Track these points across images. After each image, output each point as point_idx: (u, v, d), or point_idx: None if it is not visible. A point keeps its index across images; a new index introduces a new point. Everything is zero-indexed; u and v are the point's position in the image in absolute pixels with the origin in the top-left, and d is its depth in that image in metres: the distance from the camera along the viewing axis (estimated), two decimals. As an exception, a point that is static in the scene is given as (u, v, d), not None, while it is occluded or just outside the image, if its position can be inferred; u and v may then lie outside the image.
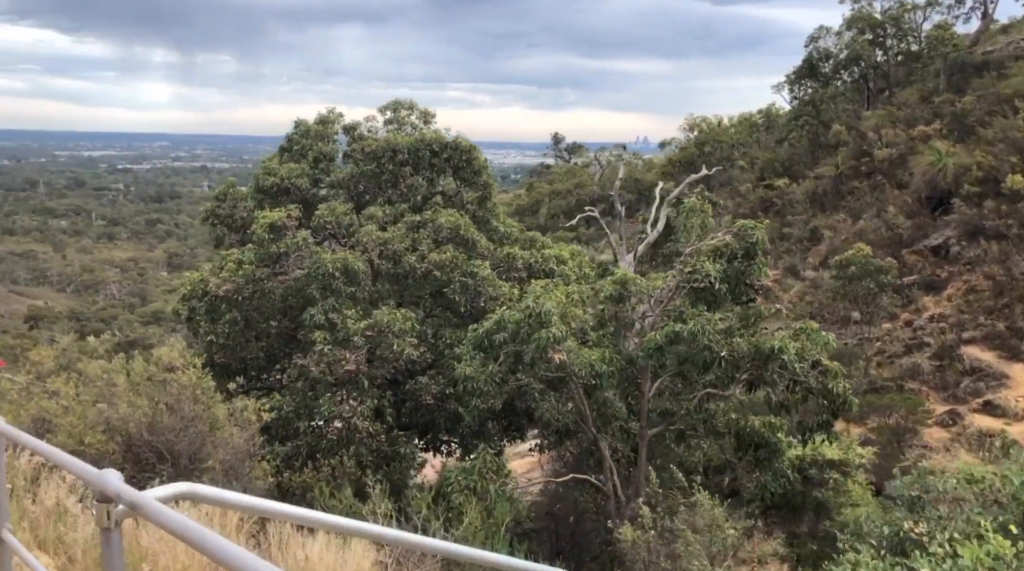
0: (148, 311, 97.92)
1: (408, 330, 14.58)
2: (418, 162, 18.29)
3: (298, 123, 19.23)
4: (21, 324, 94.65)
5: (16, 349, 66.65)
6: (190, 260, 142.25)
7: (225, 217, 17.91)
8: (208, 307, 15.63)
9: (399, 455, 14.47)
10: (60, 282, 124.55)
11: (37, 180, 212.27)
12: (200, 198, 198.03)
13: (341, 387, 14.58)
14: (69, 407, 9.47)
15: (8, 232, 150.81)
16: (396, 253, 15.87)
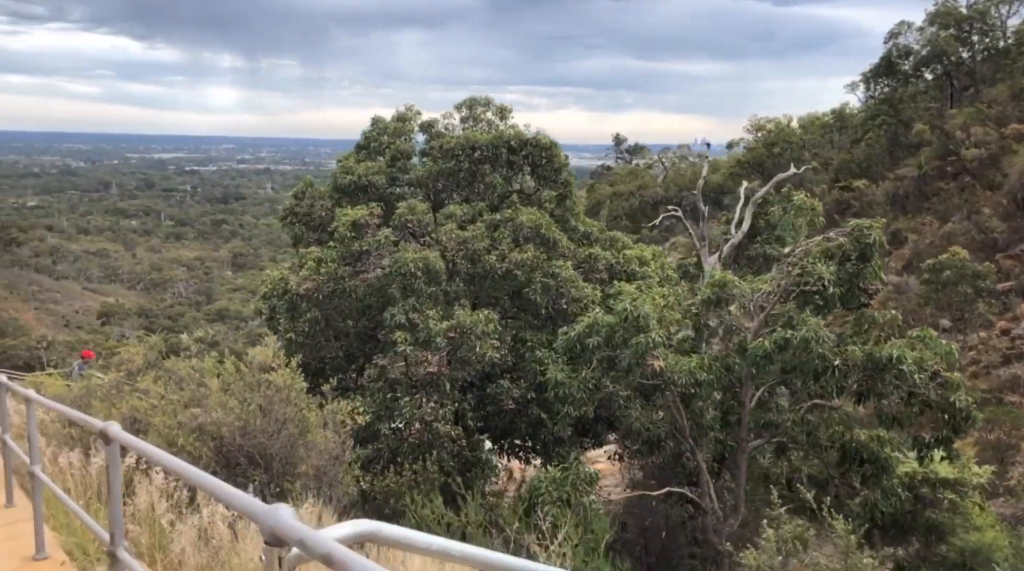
0: (213, 309, 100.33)
1: (490, 332, 14.09)
2: (496, 159, 17.82)
3: (375, 121, 18.98)
4: (94, 320, 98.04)
5: (89, 344, 68.85)
6: (253, 260, 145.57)
7: (303, 215, 17.74)
8: (288, 305, 15.43)
9: (479, 461, 14.01)
10: (130, 280, 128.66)
11: (110, 181, 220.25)
12: (263, 199, 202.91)
13: (421, 389, 14.18)
14: (158, 406, 9.22)
15: (83, 231, 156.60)
16: (475, 252, 15.41)
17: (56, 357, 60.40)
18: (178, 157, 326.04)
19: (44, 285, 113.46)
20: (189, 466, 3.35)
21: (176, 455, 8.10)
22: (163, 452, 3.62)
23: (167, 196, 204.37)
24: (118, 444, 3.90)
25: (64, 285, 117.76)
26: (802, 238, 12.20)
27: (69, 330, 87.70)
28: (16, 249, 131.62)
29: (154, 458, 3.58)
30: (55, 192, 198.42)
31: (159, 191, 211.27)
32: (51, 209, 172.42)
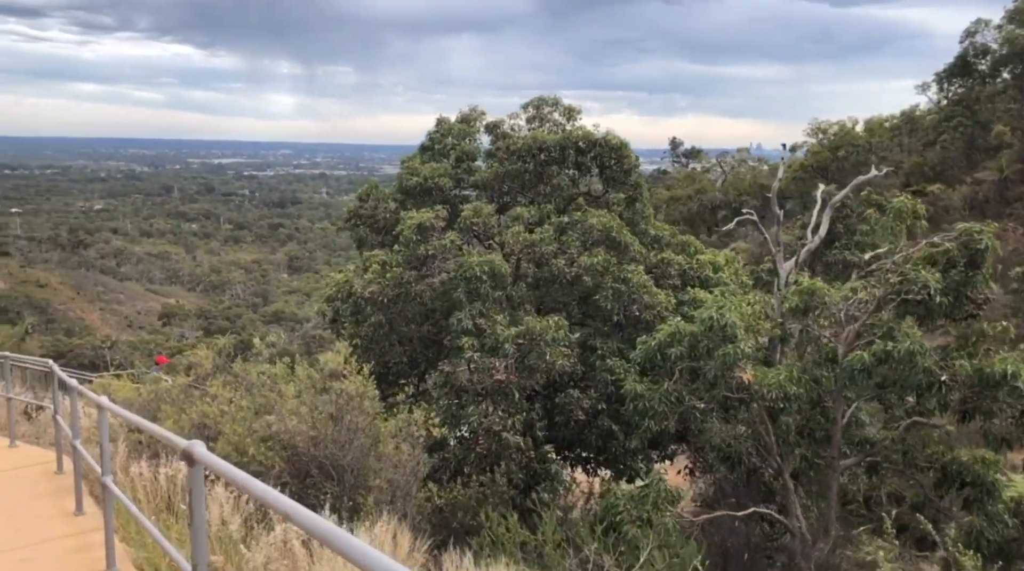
0: (269, 311, 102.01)
1: (560, 339, 13.55)
2: (563, 161, 17.29)
3: (440, 122, 18.64)
4: (156, 321, 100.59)
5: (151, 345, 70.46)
6: (308, 263, 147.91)
7: (367, 218, 17.47)
8: (353, 309, 15.15)
9: (548, 473, 13.47)
10: (190, 282, 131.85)
11: (172, 186, 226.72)
12: (319, 203, 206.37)
13: (488, 397, 13.70)
14: (227, 412, 8.91)
15: (146, 234, 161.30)
16: (543, 256, 14.90)
17: (119, 356, 62.00)
18: (237, 162, 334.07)
19: (109, 286, 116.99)
20: (289, 500, 2.89)
21: (246, 464, 7.76)
22: (252, 479, 3.18)
23: (226, 200, 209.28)
24: (202, 466, 3.49)
25: (127, 286, 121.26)
26: (901, 243, 11.36)
27: (132, 330, 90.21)
28: (83, 251, 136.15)
29: (243, 485, 3.14)
30: (120, 196, 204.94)
31: (219, 195, 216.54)
32: (116, 212, 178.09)
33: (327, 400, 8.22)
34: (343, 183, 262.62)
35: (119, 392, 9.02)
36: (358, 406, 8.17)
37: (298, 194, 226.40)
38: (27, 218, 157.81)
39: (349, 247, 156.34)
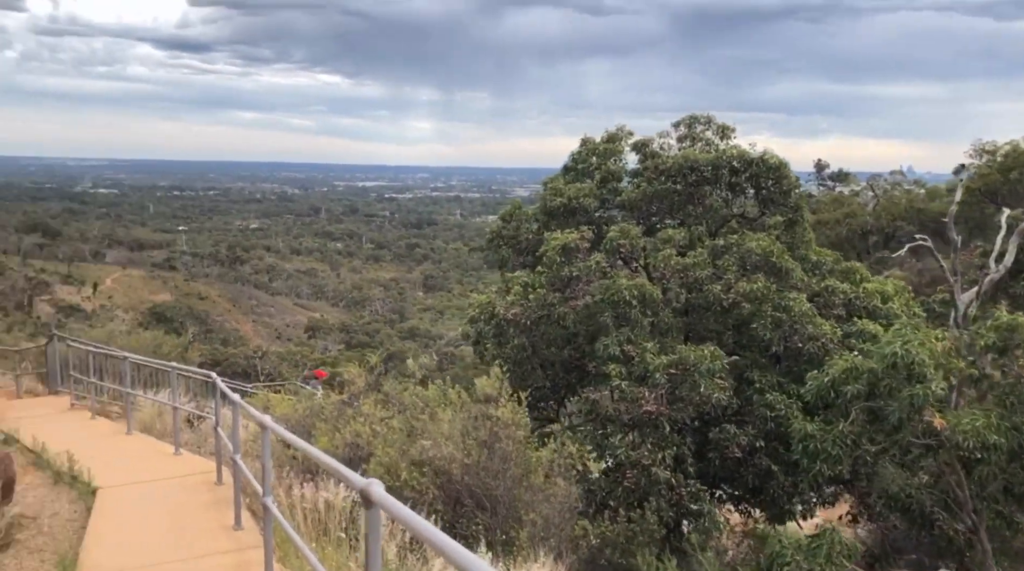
0: (405, 327, 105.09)
1: (716, 370, 12.71)
2: (716, 181, 16.47)
3: (585, 141, 18.29)
4: (302, 333, 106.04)
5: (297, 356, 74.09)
6: (442, 282, 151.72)
7: (509, 238, 17.33)
8: (495, 331, 14.95)
9: (701, 512, 12.61)
10: (334, 297, 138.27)
11: (320, 207, 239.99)
12: (453, 225, 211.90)
13: (636, 428, 13.05)
14: (379, 432, 8.79)
15: (296, 252, 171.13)
16: (697, 281, 14.12)
17: (269, 366, 65.50)
18: (379, 185, 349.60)
19: (261, 300, 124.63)
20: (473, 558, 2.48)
21: (399, 489, 7.54)
22: (433, 529, 2.81)
23: (368, 221, 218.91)
24: (380, 509, 3.17)
25: (278, 300, 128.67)
26: None
27: (280, 342, 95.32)
28: (240, 267, 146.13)
29: (423, 534, 2.78)
30: (273, 216, 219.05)
31: (361, 216, 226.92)
32: (269, 231, 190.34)
33: (480, 426, 7.91)
34: (476, 205, 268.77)
35: (277, 407, 9.12)
36: (512, 434, 7.80)
37: (434, 216, 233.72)
38: (192, 235, 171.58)
39: (481, 268, 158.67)
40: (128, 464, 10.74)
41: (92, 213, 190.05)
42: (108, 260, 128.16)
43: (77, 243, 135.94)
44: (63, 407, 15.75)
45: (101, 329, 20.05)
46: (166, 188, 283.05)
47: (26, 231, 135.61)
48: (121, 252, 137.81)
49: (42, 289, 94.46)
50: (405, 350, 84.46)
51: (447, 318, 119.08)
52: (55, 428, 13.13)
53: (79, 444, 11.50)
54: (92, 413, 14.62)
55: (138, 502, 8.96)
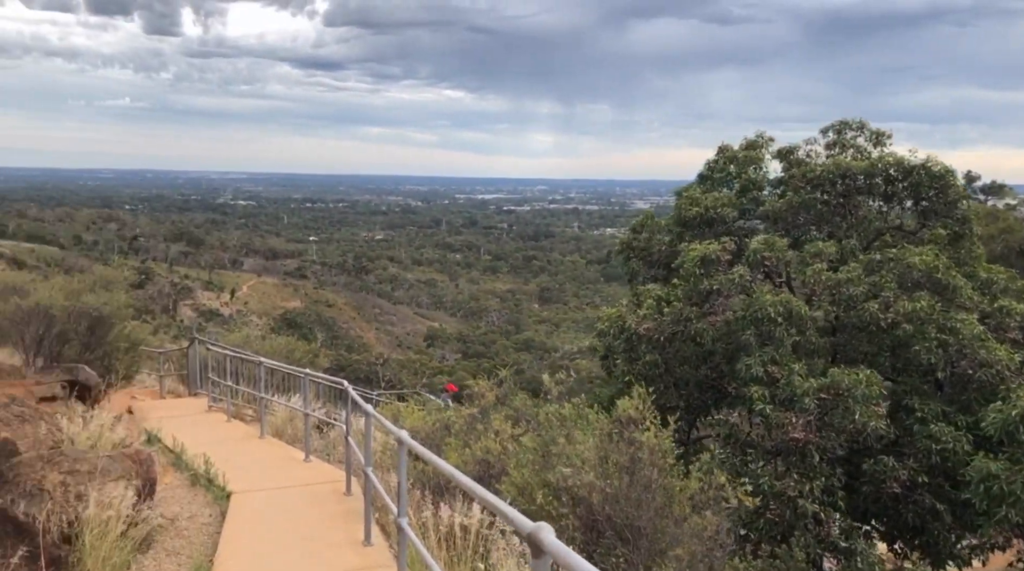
0: (520, 339, 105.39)
1: (873, 396, 11.51)
2: (869, 190, 15.17)
3: (722, 149, 17.35)
4: (421, 342, 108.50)
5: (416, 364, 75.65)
6: (558, 294, 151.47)
7: (640, 250, 16.61)
8: (626, 346, 14.27)
9: (852, 551, 11.43)
10: (452, 307, 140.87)
11: (441, 219, 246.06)
12: (570, 237, 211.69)
13: (779, 456, 12.02)
14: (512, 452, 8.33)
15: (417, 262, 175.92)
16: (851, 298, 12.92)
17: (390, 373, 67.15)
18: (498, 198, 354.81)
19: (384, 308, 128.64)
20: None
21: (535, 514, 7.03)
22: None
23: (486, 233, 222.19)
24: (550, 558, 2.66)
25: (399, 309, 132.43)
26: None
27: (401, 350, 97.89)
28: (365, 276, 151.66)
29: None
30: (397, 227, 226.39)
31: (480, 228, 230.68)
32: (393, 242, 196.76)
33: (621, 450, 7.30)
34: (594, 218, 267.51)
35: (407, 419, 8.86)
36: (656, 461, 7.15)
37: (551, 228, 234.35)
38: (322, 246, 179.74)
39: (597, 281, 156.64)
40: (261, 469, 10.83)
41: (232, 223, 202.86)
42: (245, 268, 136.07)
43: (218, 251, 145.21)
44: (201, 408, 16.35)
45: (238, 333, 20.85)
46: (299, 200, 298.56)
47: (173, 240, 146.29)
48: (257, 260, 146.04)
49: (185, 294, 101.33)
50: (520, 361, 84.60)
51: (562, 331, 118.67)
52: (193, 429, 13.55)
53: (215, 446, 11.75)
54: (228, 416, 15.06)
55: (270, 509, 8.92)
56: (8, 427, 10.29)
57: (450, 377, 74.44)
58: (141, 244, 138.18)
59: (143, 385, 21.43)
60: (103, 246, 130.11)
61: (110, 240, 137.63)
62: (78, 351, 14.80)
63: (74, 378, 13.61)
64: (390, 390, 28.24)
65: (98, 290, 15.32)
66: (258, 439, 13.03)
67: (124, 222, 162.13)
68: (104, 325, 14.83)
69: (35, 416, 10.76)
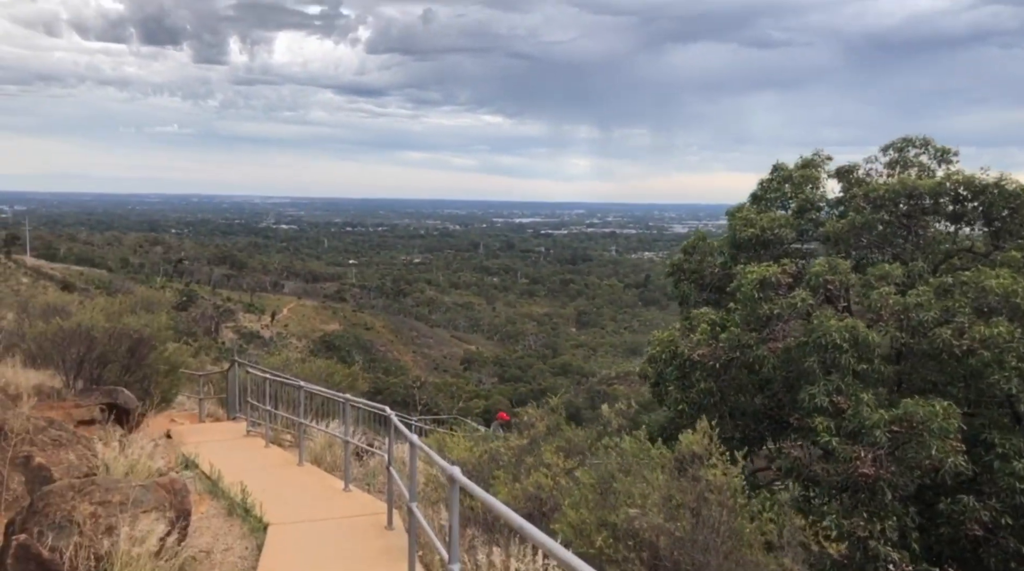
0: (557, 363, 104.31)
1: (951, 430, 10.69)
2: (936, 210, 14.37)
3: (776, 168, 16.68)
4: (458, 365, 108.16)
5: (453, 387, 75.26)
6: (596, 318, 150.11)
7: (692, 272, 15.97)
8: (679, 372, 13.61)
9: (928, 600, 10.58)
10: (489, 330, 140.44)
11: (479, 242, 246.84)
12: (608, 261, 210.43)
13: (846, 493, 11.23)
14: (562, 486, 7.75)
15: (454, 286, 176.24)
16: (922, 324, 12.12)
17: (426, 396, 66.71)
18: (535, 221, 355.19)
19: (421, 331, 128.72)
20: None
21: (594, 558, 6.43)
22: None
23: (524, 256, 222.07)
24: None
25: (437, 332, 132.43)
26: None
27: (437, 373, 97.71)
28: (402, 299, 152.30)
29: None
30: (435, 251, 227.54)
31: (517, 252, 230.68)
32: (431, 265, 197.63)
33: (687, 488, 6.69)
34: (632, 242, 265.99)
35: (453, 449, 8.34)
36: (724, 501, 6.52)
37: (588, 252, 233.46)
38: (361, 269, 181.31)
39: (635, 305, 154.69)
40: (299, 499, 10.40)
41: (273, 247, 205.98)
42: (286, 291, 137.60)
43: (259, 274, 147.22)
44: (239, 433, 16.03)
45: (278, 356, 20.62)
46: (340, 224, 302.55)
47: (216, 263, 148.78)
48: (297, 283, 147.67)
49: (227, 316, 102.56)
50: (557, 386, 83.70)
51: (600, 355, 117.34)
52: (231, 455, 13.20)
53: (253, 474, 11.36)
54: (266, 441, 14.70)
55: (308, 543, 8.45)
56: (43, 452, 10.01)
57: (486, 401, 73.77)
58: (185, 267, 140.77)
59: (182, 408, 21.29)
60: (149, 269, 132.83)
61: (156, 263, 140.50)
62: (118, 373, 14.61)
63: (113, 401, 13.39)
64: (428, 416, 27.73)
65: (139, 312, 15.16)
66: (296, 466, 12.62)
67: (170, 245, 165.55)
68: (144, 347, 14.63)
69: (72, 441, 10.49)
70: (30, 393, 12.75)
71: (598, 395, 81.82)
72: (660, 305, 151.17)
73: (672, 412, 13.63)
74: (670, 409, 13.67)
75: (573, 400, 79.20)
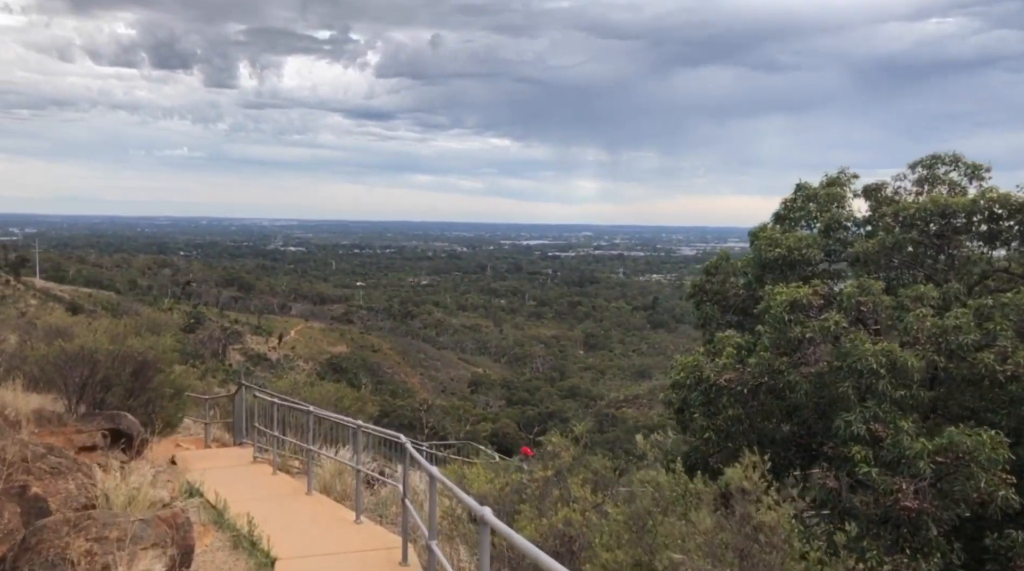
0: (565, 386, 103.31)
1: (1001, 460, 10.08)
2: (969, 229, 13.84)
3: (800, 187, 16.21)
4: (465, 388, 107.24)
5: (460, 410, 74.42)
6: (604, 341, 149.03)
7: (715, 294, 15.44)
8: (704, 398, 13.03)
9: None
10: (496, 353, 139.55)
11: (486, 265, 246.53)
12: (615, 284, 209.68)
13: (886, 527, 10.60)
14: (592, 523, 7.20)
15: (462, 308, 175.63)
16: (962, 347, 11.54)
17: (433, 419, 65.91)
18: (543, 244, 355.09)
19: (428, 353, 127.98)
20: None
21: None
22: None
23: (531, 278, 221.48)
24: None
25: (444, 354, 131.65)
26: None
27: (444, 395, 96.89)
28: (410, 321, 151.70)
29: None
30: (442, 273, 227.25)
31: (525, 274, 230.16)
32: (439, 287, 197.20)
33: (733, 529, 6.12)
34: (640, 264, 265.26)
35: (473, 482, 7.79)
36: (779, 544, 5.95)
37: (596, 274, 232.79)
38: (368, 291, 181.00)
39: (643, 327, 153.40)
40: (308, 531, 9.84)
41: (281, 269, 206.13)
42: (293, 313, 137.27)
43: (267, 296, 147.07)
44: (246, 459, 15.50)
45: (285, 379, 20.04)
46: (348, 246, 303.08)
47: (224, 285, 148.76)
48: (305, 305, 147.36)
49: (235, 338, 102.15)
50: (565, 409, 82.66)
51: (608, 378, 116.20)
52: (237, 483, 12.66)
53: (259, 503, 10.82)
54: (273, 468, 14.16)
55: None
56: (40, 481, 9.48)
57: (494, 424, 72.83)
58: (193, 289, 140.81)
59: (188, 432, 20.77)
60: (157, 291, 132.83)
61: (164, 285, 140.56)
62: (121, 397, 14.13)
63: (116, 426, 12.90)
64: (437, 440, 27.07)
65: (144, 333, 14.70)
66: (305, 495, 12.07)
67: (178, 267, 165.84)
68: (149, 370, 14.16)
69: (71, 468, 9.97)
70: (30, 418, 12.26)
71: (606, 418, 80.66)
72: (668, 328, 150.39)
73: (698, 439, 13.02)
74: (696, 436, 13.07)
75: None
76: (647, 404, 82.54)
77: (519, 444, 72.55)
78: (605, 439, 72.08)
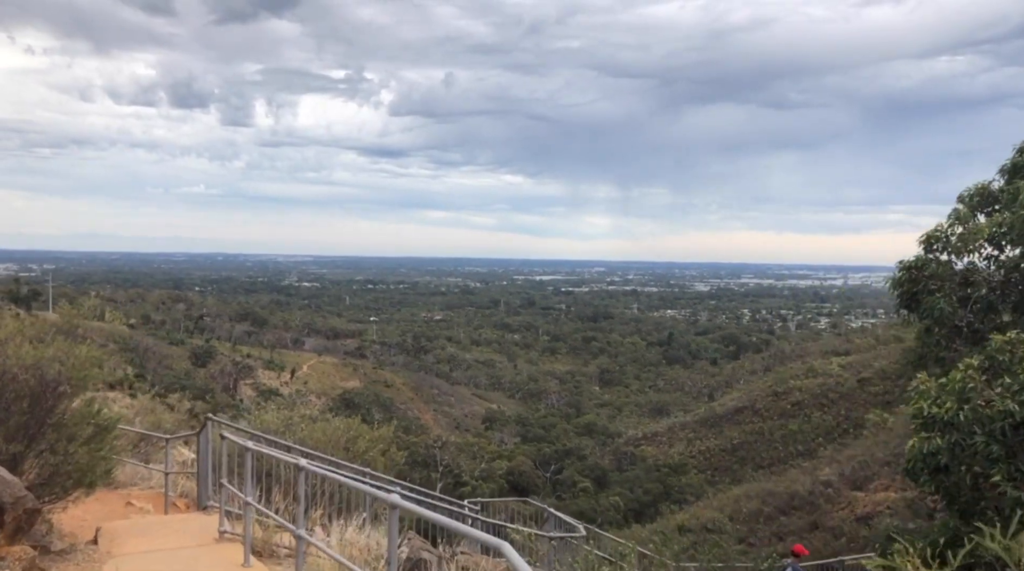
0: (581, 422, 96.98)
1: None
2: None
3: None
4: (479, 424, 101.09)
5: (475, 447, 68.38)
6: (619, 376, 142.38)
7: (942, 278, 9.89)
8: (988, 440, 7.45)
9: None
10: (511, 388, 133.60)
11: (499, 300, 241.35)
12: (629, 319, 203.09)
13: None
14: None
15: (475, 343, 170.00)
16: None
17: (447, 457, 60.15)
18: (556, 279, 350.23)
19: (442, 389, 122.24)
20: None
21: None
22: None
23: (545, 313, 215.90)
24: None
25: (457, 390, 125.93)
26: None
27: (459, 432, 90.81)
28: (423, 356, 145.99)
29: None
30: (456, 308, 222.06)
31: (538, 309, 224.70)
32: (452, 322, 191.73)
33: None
34: (654, 300, 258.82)
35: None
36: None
37: (610, 309, 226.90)
38: (382, 325, 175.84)
39: (659, 363, 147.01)
40: None
41: (295, 304, 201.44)
42: (306, 347, 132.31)
43: (280, 331, 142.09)
44: (208, 535, 9.89)
45: (274, 413, 14.32)
46: (361, 282, 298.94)
47: (238, 320, 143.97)
48: (318, 340, 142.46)
49: (246, 373, 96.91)
50: (582, 446, 76.46)
51: (625, 415, 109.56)
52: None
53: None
54: (246, 549, 8.65)
55: None
56: None
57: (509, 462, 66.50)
58: (207, 323, 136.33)
59: (149, 485, 15.30)
60: (170, 325, 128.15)
61: (177, 320, 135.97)
62: (2, 438, 8.68)
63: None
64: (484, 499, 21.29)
65: (51, 340, 9.29)
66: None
67: (192, 302, 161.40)
68: (49, 397, 8.72)
69: None
70: None
71: (625, 456, 74.34)
72: (684, 363, 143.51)
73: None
74: (1002, 513, 7.42)
75: (599, 462, 71.82)
76: (667, 442, 77.34)
77: (536, 483, 66.24)
78: (624, 478, 65.91)
